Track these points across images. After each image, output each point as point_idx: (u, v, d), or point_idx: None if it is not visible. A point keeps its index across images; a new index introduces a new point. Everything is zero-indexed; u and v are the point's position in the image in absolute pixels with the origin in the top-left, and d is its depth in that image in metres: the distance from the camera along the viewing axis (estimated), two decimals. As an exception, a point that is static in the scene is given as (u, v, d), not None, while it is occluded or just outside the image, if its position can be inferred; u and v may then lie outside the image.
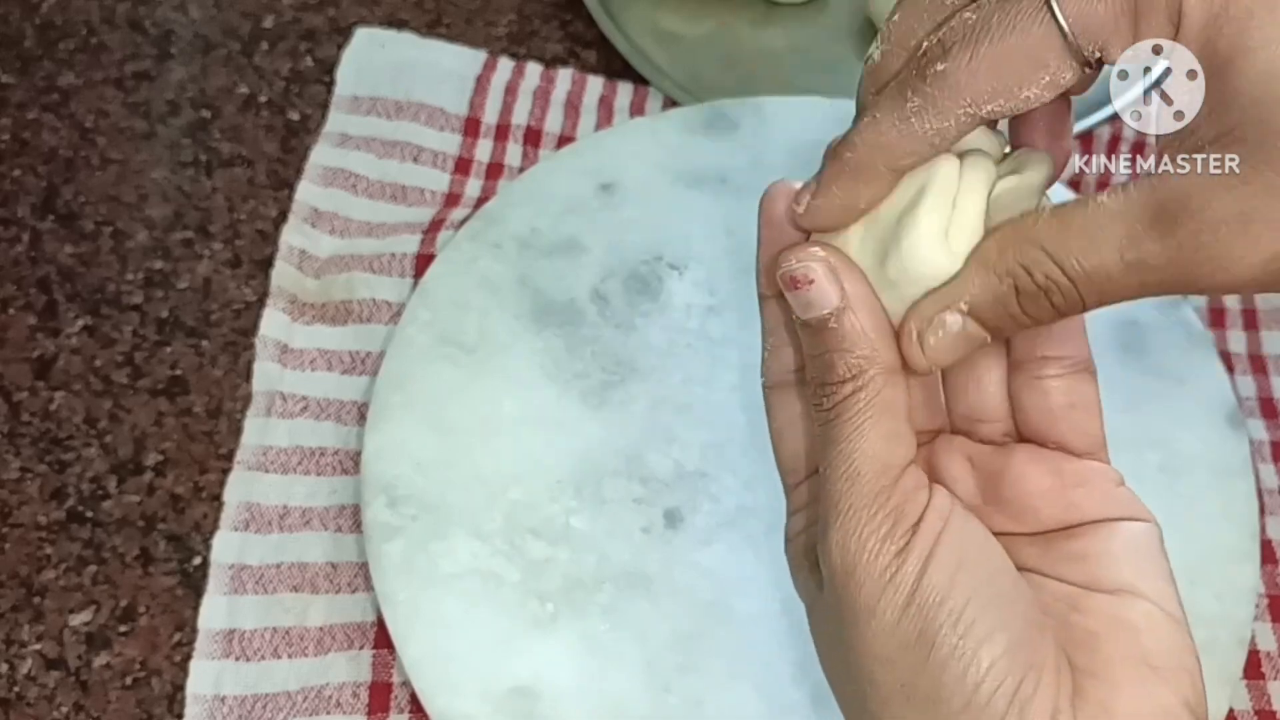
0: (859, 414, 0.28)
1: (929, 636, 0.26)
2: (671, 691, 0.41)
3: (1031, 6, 0.26)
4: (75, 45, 0.58)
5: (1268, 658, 0.44)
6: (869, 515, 0.27)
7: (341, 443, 0.47)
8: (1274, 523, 0.46)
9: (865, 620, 0.27)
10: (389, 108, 0.55)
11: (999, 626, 0.26)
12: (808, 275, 0.28)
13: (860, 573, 0.27)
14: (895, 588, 0.26)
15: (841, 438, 0.28)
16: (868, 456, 0.28)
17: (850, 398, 0.28)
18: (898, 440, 0.28)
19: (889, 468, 0.28)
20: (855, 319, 0.28)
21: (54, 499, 0.45)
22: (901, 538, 0.27)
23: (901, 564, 0.27)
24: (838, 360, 0.28)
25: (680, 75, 0.57)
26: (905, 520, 0.27)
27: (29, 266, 0.51)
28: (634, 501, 0.44)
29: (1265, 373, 0.50)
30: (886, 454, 0.28)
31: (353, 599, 0.43)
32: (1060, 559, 0.29)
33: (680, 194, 0.52)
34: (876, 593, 0.27)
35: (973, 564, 0.27)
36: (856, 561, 0.27)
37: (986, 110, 0.27)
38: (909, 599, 0.26)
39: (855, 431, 0.28)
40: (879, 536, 0.27)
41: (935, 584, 0.26)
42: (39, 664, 0.42)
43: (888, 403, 0.28)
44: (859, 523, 0.27)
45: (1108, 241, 0.26)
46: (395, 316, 0.49)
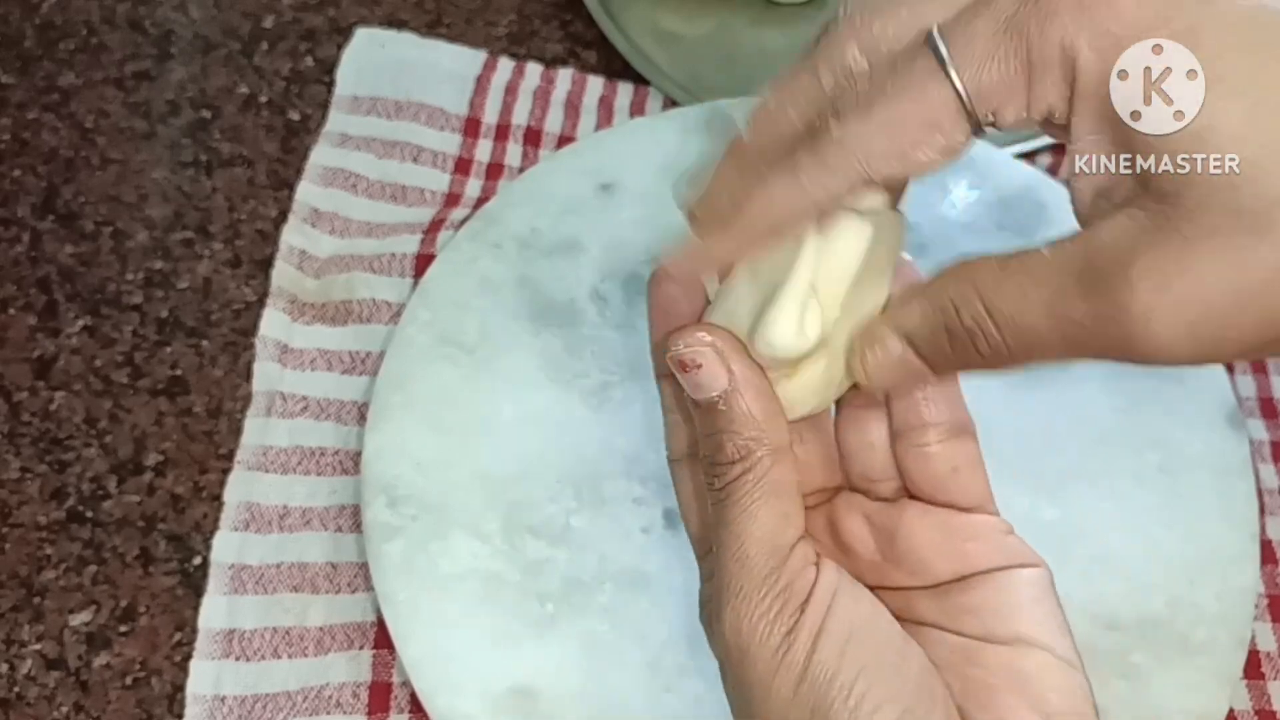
0: (747, 495, 0.28)
1: (822, 711, 0.27)
2: (671, 691, 0.41)
3: (925, 70, 0.26)
4: (75, 45, 0.58)
5: (1268, 658, 0.44)
6: (759, 597, 0.28)
7: (341, 443, 0.47)
8: (1274, 523, 0.46)
9: (762, 697, 0.28)
10: (389, 108, 0.55)
11: (889, 697, 0.27)
12: (695, 360, 0.29)
13: (753, 653, 0.28)
14: (787, 667, 0.27)
15: (731, 519, 0.29)
16: (756, 539, 0.28)
17: (739, 479, 0.29)
18: (786, 520, 0.29)
19: (778, 549, 0.28)
20: (742, 401, 0.29)
21: (54, 499, 0.45)
22: (790, 617, 0.27)
23: (792, 643, 0.27)
24: (726, 441, 0.29)
25: (680, 75, 0.57)
26: (794, 599, 0.28)
27: (29, 266, 0.51)
28: (634, 501, 0.44)
29: (1265, 372, 0.50)
30: (775, 535, 0.28)
31: (353, 599, 0.43)
32: (957, 612, 0.30)
33: (680, 194, 0.52)
34: (770, 673, 0.27)
35: (861, 637, 0.27)
36: (749, 642, 0.28)
37: (879, 172, 0.27)
38: (800, 677, 0.27)
39: (744, 514, 0.28)
40: (769, 618, 0.28)
41: (825, 661, 0.27)
42: (39, 664, 0.42)
43: (775, 483, 0.29)
44: (750, 605, 0.28)
45: (1038, 294, 0.25)
46: (395, 316, 0.49)
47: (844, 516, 0.32)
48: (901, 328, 0.28)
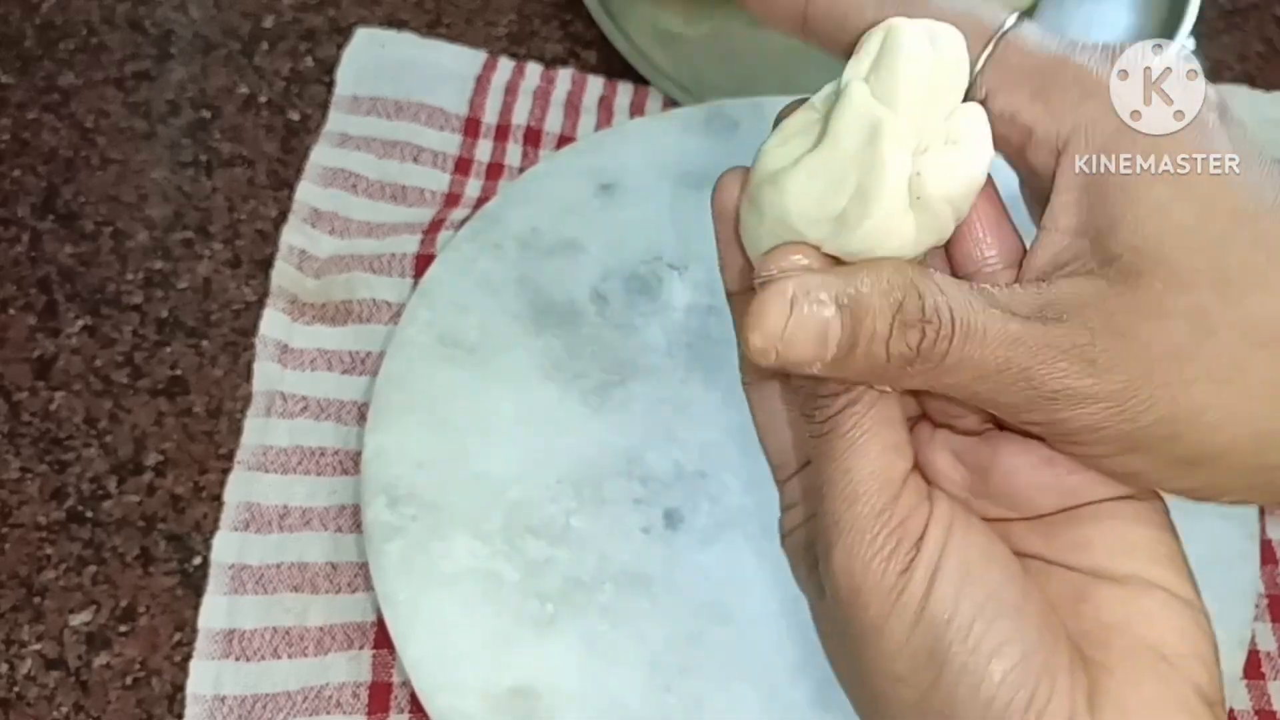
0: (856, 427, 0.27)
1: (939, 654, 0.26)
2: (671, 691, 0.41)
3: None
4: (75, 45, 0.58)
5: (1268, 658, 0.44)
6: (871, 536, 0.26)
7: (341, 443, 0.47)
8: (1274, 523, 0.46)
9: (874, 640, 0.26)
10: (389, 108, 0.55)
11: (1009, 638, 0.26)
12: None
13: (866, 594, 0.26)
14: (903, 607, 0.26)
15: (836, 453, 0.27)
16: (866, 475, 0.27)
17: (844, 411, 0.27)
18: (896, 453, 0.27)
19: (889, 483, 0.27)
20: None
21: (54, 499, 0.45)
22: (905, 555, 0.26)
23: (907, 583, 0.26)
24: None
25: (680, 75, 0.57)
26: (909, 537, 0.26)
27: (29, 266, 0.51)
28: (634, 501, 0.44)
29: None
30: (886, 469, 0.27)
31: (353, 599, 0.43)
32: (1064, 546, 0.28)
33: (680, 194, 0.52)
34: (884, 613, 0.26)
35: (978, 575, 0.26)
36: (861, 583, 0.26)
37: None
38: (917, 617, 0.26)
39: (851, 448, 0.27)
40: (883, 556, 0.26)
41: (942, 601, 0.26)
42: (39, 664, 0.42)
43: (883, 415, 0.27)
44: (861, 544, 0.26)
45: (998, 307, 0.25)
46: (395, 316, 0.49)
47: (929, 451, 0.30)
48: (844, 291, 0.25)
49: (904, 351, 0.25)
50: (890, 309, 0.25)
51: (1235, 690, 0.42)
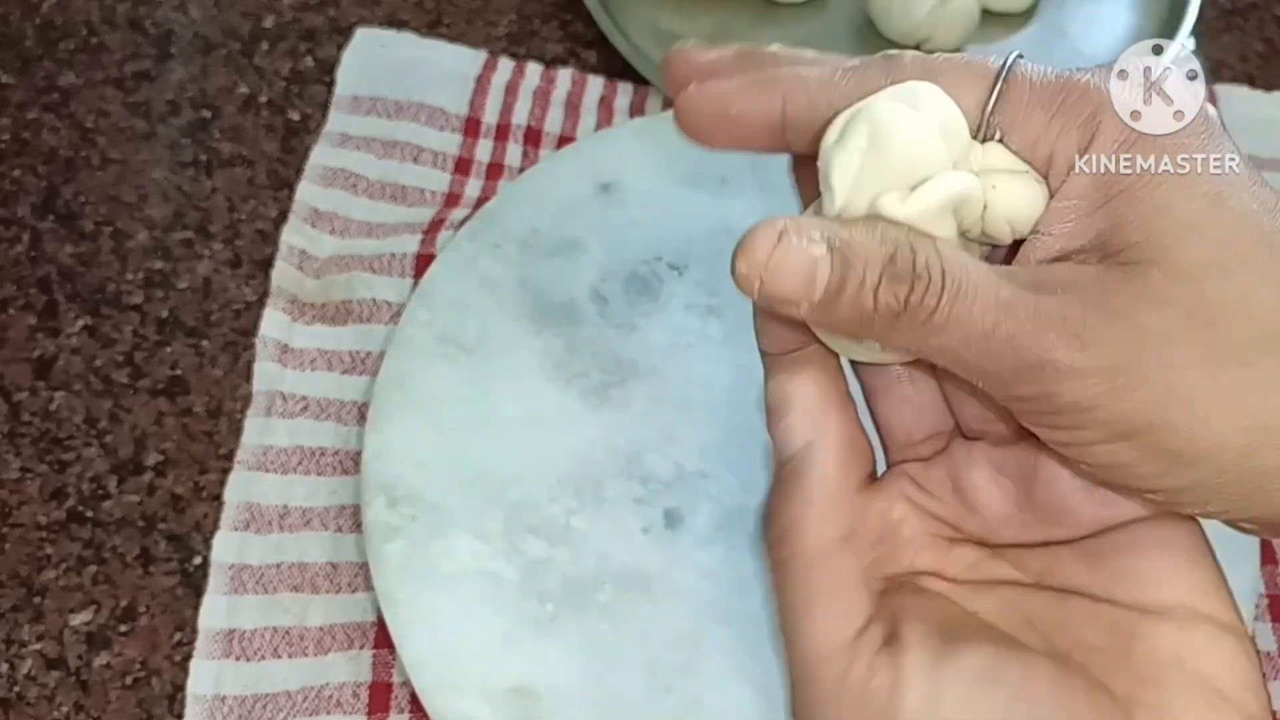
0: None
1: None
2: (671, 691, 0.41)
3: None
4: (75, 45, 0.58)
5: (1268, 658, 0.44)
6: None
7: (341, 443, 0.47)
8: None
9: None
10: (389, 108, 0.55)
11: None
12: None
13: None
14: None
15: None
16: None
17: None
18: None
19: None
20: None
21: (54, 499, 0.45)
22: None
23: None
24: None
25: (680, 75, 0.57)
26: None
27: (29, 266, 0.51)
28: (634, 501, 0.44)
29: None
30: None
31: (353, 599, 0.43)
32: (1109, 577, 0.28)
33: (680, 194, 0.52)
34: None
35: (985, 701, 0.26)
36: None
37: None
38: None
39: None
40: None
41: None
42: (39, 664, 0.42)
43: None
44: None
45: (992, 274, 0.25)
46: (395, 316, 0.49)
47: (966, 470, 0.30)
48: (837, 235, 0.25)
49: (891, 303, 0.25)
50: (882, 258, 0.25)
51: (1235, 690, 0.42)
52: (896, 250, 0.25)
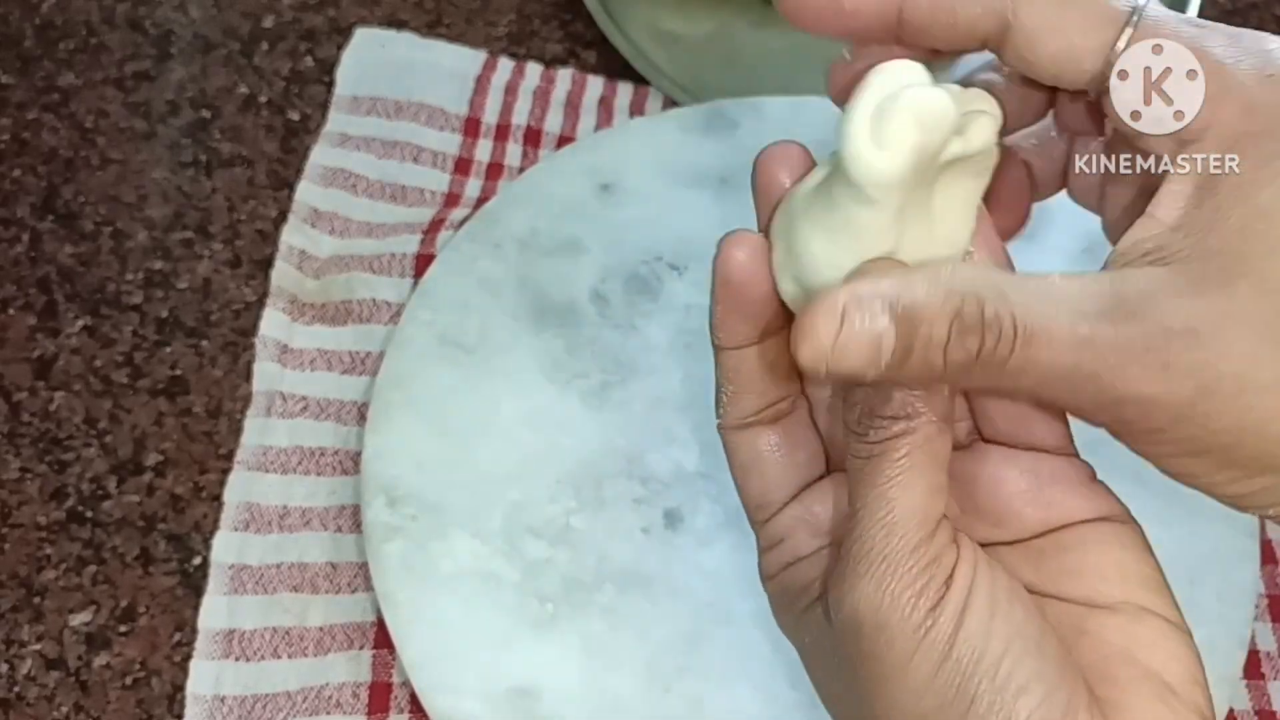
0: (906, 458, 0.26)
1: (966, 692, 0.25)
2: (671, 691, 0.41)
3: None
4: (75, 45, 0.58)
5: (1268, 658, 0.44)
6: (905, 569, 0.26)
7: (341, 443, 0.47)
8: (1274, 523, 0.46)
9: (897, 678, 0.26)
10: (389, 108, 0.55)
11: (1034, 675, 0.26)
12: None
13: (892, 630, 0.26)
14: (931, 645, 0.26)
15: (882, 480, 0.26)
16: (908, 508, 0.26)
17: (897, 439, 0.26)
18: (938, 493, 0.26)
19: (928, 520, 0.26)
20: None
21: (54, 499, 0.45)
22: (936, 593, 0.26)
23: (936, 619, 0.26)
24: (895, 393, 0.26)
25: (680, 75, 0.57)
26: (940, 574, 0.26)
27: (29, 266, 0.51)
28: (634, 501, 0.44)
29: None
30: (927, 506, 0.26)
31: (353, 599, 0.43)
32: (1055, 574, 0.28)
33: (680, 194, 0.52)
34: (910, 650, 0.26)
35: (1004, 613, 0.26)
36: (889, 617, 0.26)
37: None
38: (944, 655, 0.25)
39: (898, 478, 0.26)
40: (914, 591, 0.26)
41: (972, 639, 0.25)
42: (39, 664, 0.42)
43: (935, 453, 0.26)
44: (893, 576, 0.26)
45: (1064, 307, 0.25)
46: (395, 316, 0.49)
47: None
48: (899, 301, 0.24)
49: (962, 359, 0.25)
50: (949, 315, 0.24)
51: (1235, 690, 0.42)
52: (963, 303, 0.24)
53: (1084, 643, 0.27)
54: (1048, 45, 0.26)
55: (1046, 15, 0.26)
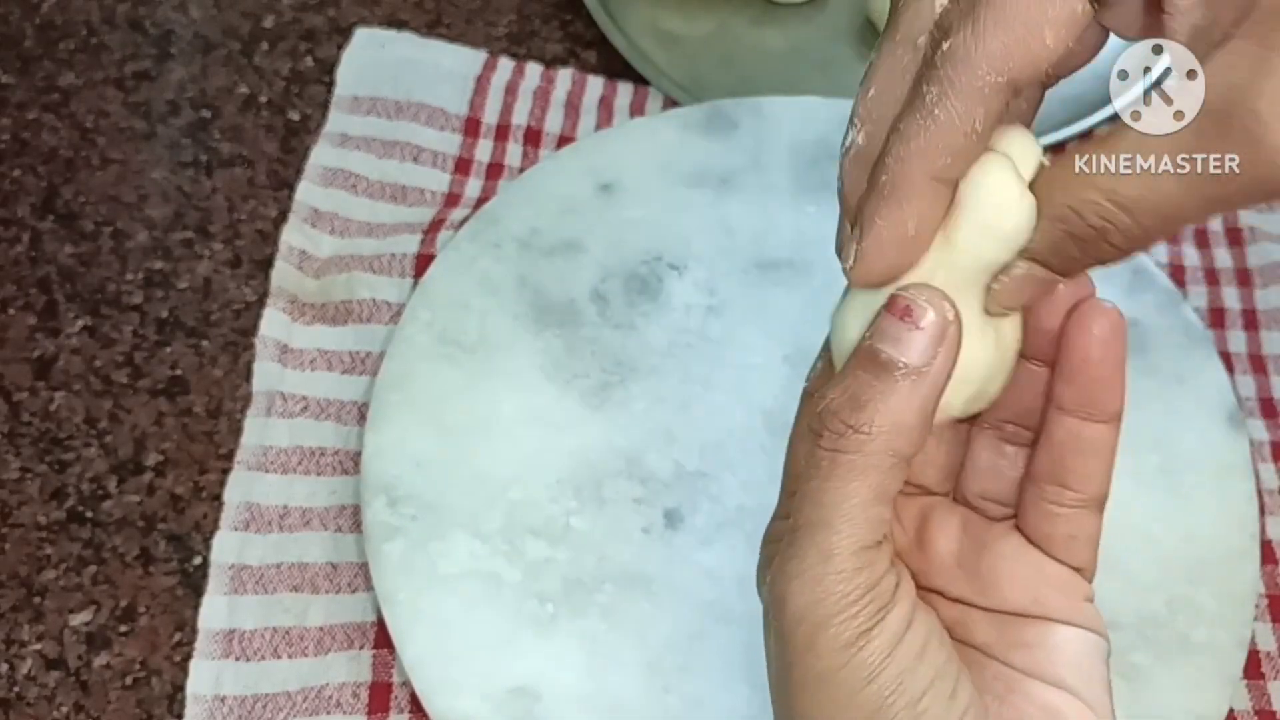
0: (861, 464, 0.26)
1: (885, 716, 0.26)
2: (671, 691, 0.41)
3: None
4: (75, 45, 0.58)
5: (1268, 658, 0.44)
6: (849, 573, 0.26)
7: (341, 443, 0.47)
8: (1274, 523, 0.46)
9: (818, 684, 0.27)
10: (389, 108, 0.55)
11: (943, 715, 0.26)
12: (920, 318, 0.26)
13: (823, 640, 0.26)
14: (861, 664, 0.26)
15: (840, 475, 0.26)
16: (859, 509, 0.26)
17: (861, 449, 0.26)
18: (884, 512, 0.27)
19: (872, 528, 0.26)
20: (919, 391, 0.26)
21: (54, 499, 0.45)
22: (870, 617, 0.26)
23: (867, 644, 0.26)
24: (872, 411, 0.26)
25: (680, 75, 0.57)
26: (878, 601, 0.26)
27: (29, 266, 0.51)
28: (634, 501, 0.44)
29: (1265, 373, 0.50)
30: (876, 517, 0.26)
31: (353, 599, 0.43)
32: (1012, 645, 0.29)
33: (680, 194, 0.52)
34: (839, 663, 0.26)
35: (931, 656, 0.27)
36: (821, 628, 0.26)
37: (1010, 73, 0.25)
38: (871, 678, 0.26)
39: (857, 479, 0.26)
40: (850, 599, 0.26)
41: (900, 672, 0.26)
42: (39, 664, 0.42)
43: (892, 478, 0.27)
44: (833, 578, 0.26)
45: (1160, 160, 0.25)
46: (395, 316, 0.49)
47: (939, 515, 0.31)
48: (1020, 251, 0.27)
49: (1099, 256, 0.26)
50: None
51: (1235, 690, 0.42)
52: (1067, 224, 0.26)
53: (1015, 695, 0.28)
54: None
55: None
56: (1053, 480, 0.29)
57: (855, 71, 0.30)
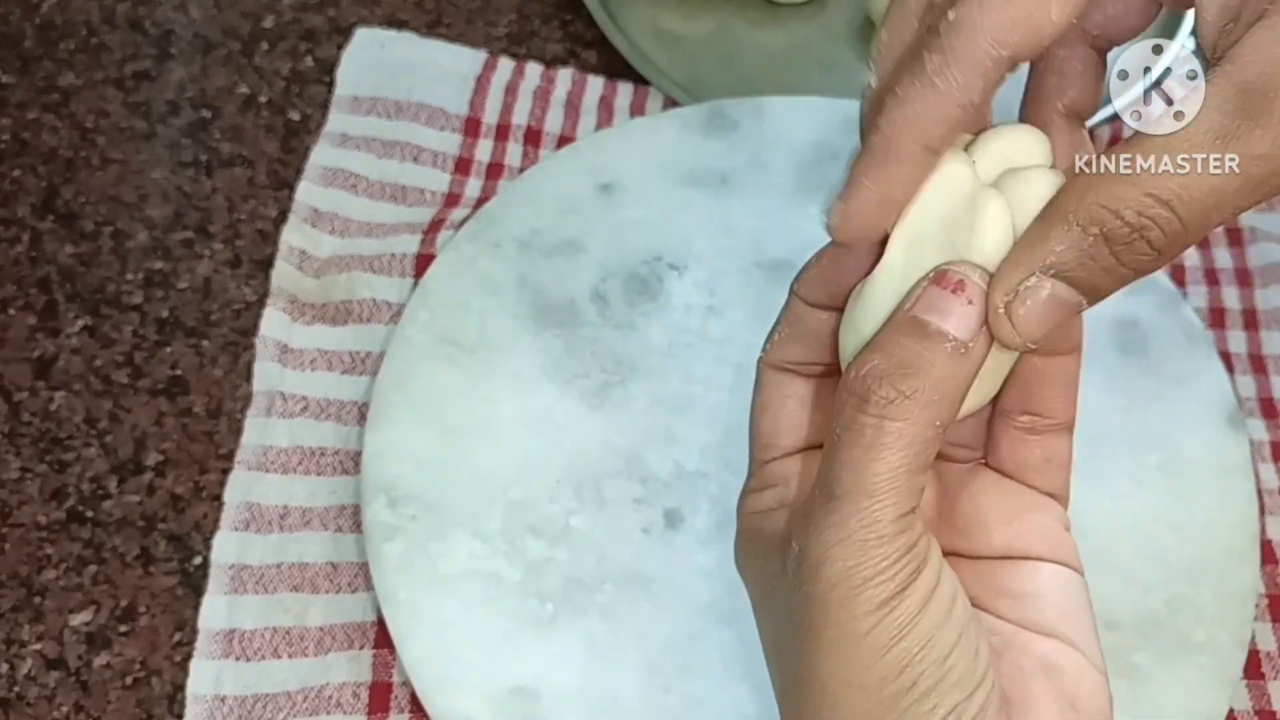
0: (909, 432, 0.26)
1: (910, 676, 0.26)
2: (671, 691, 0.41)
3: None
4: (75, 45, 0.58)
5: (1268, 658, 0.44)
6: (890, 537, 0.26)
7: (341, 443, 0.47)
8: (1274, 523, 0.46)
9: (849, 646, 0.26)
10: (389, 108, 0.55)
11: (968, 673, 0.26)
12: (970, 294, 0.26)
13: (859, 601, 0.26)
14: (890, 623, 0.26)
15: (886, 444, 0.26)
16: (903, 477, 0.26)
17: (910, 416, 0.26)
18: (916, 483, 0.26)
19: (913, 496, 0.26)
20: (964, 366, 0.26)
21: (54, 499, 0.45)
22: (907, 577, 0.26)
23: (903, 601, 0.26)
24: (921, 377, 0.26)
25: (680, 75, 0.57)
26: (914, 561, 0.26)
27: (29, 266, 0.51)
28: (634, 501, 0.44)
29: (1265, 373, 0.50)
30: (916, 484, 0.26)
31: (353, 599, 0.43)
32: (998, 594, 0.30)
33: (680, 194, 0.52)
34: (871, 624, 0.26)
35: (957, 612, 0.27)
36: (860, 589, 0.26)
37: (1013, 47, 0.25)
38: (900, 636, 0.26)
39: (903, 448, 0.26)
40: (892, 571, 0.26)
41: (930, 629, 0.26)
42: (39, 664, 0.42)
43: (932, 448, 0.26)
44: (874, 542, 0.26)
45: (1203, 150, 0.24)
46: (395, 316, 0.49)
47: None
48: (1044, 263, 0.25)
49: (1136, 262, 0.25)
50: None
51: (1235, 690, 0.42)
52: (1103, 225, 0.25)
53: (1008, 655, 0.29)
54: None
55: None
56: (1022, 410, 0.30)
57: (855, 71, 0.30)
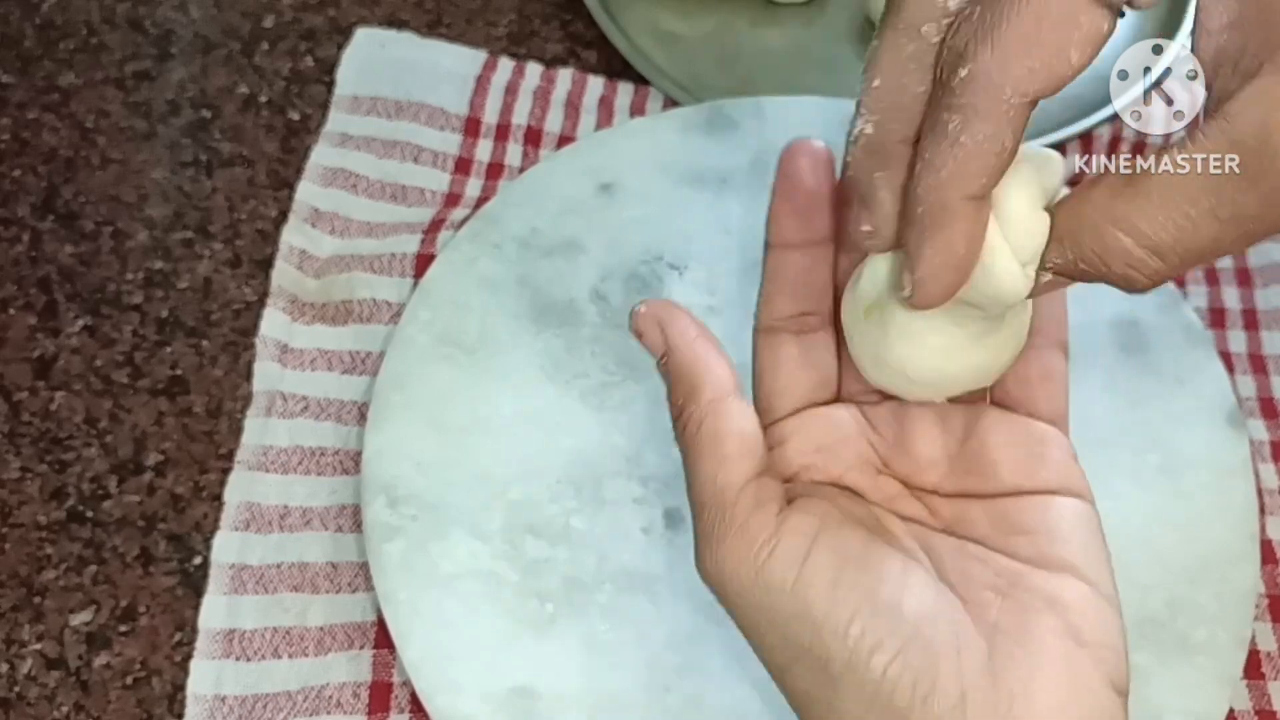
0: (692, 441, 0.30)
1: (820, 653, 0.27)
2: (671, 691, 0.41)
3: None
4: (75, 45, 0.58)
5: (1268, 658, 0.44)
6: (721, 536, 0.29)
7: (341, 443, 0.47)
8: (1274, 523, 0.46)
9: (753, 637, 0.29)
10: (389, 108, 0.55)
11: (887, 632, 0.27)
12: (638, 329, 0.32)
13: (733, 593, 0.29)
14: (770, 607, 0.28)
15: (686, 463, 0.30)
16: (703, 481, 0.30)
17: (685, 429, 0.30)
18: (724, 464, 0.29)
19: (720, 491, 0.29)
20: (674, 361, 0.31)
21: (54, 499, 0.45)
22: (757, 555, 0.28)
23: (768, 582, 0.28)
24: (674, 395, 0.31)
25: (680, 75, 0.57)
26: (756, 538, 0.28)
27: (29, 266, 0.51)
28: (634, 501, 0.44)
29: (1265, 373, 0.50)
30: (720, 477, 0.29)
31: (353, 599, 0.43)
32: (1010, 531, 0.30)
33: (680, 194, 0.52)
34: (752, 614, 0.29)
35: (851, 579, 0.28)
36: (728, 582, 0.29)
37: (1030, 93, 0.25)
38: (788, 619, 0.28)
39: (694, 459, 0.30)
40: (735, 558, 0.29)
41: (816, 605, 0.27)
42: (39, 664, 0.42)
43: (712, 432, 0.30)
44: (716, 545, 0.29)
45: (1198, 204, 0.24)
46: (395, 316, 0.49)
47: (915, 415, 0.32)
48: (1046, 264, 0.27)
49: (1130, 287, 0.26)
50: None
51: (1235, 690, 0.42)
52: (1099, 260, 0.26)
53: (1017, 588, 0.29)
54: None
55: None
56: None
57: (855, 71, 0.30)
